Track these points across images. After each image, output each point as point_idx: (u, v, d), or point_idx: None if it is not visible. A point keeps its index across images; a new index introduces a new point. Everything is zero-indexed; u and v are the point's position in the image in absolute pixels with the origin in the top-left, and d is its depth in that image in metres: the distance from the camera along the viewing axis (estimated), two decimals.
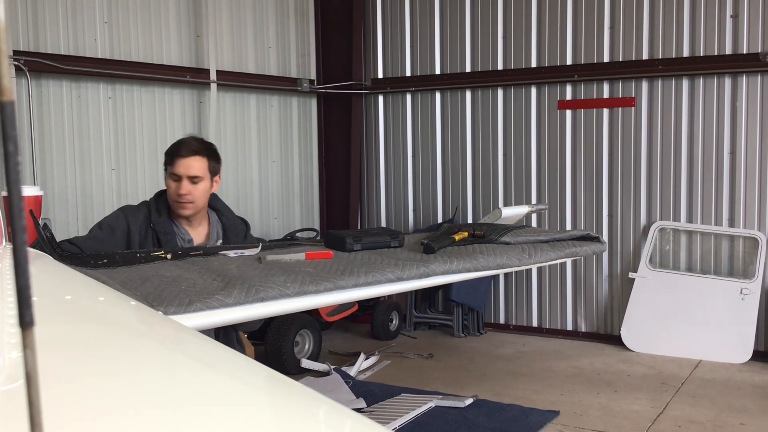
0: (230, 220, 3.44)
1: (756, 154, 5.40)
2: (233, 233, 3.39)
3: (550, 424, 4.18)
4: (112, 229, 3.17)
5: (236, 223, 3.46)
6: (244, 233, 3.46)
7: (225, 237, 3.37)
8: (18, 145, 0.49)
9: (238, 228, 3.44)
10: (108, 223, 3.22)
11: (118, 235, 3.16)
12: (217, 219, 3.42)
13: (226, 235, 3.37)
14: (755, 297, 5.36)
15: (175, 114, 5.60)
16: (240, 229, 3.45)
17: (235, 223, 3.44)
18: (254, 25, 6.23)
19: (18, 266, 0.50)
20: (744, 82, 5.40)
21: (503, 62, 6.25)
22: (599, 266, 6.01)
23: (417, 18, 6.61)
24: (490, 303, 6.46)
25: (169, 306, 2.17)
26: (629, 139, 5.82)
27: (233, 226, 3.42)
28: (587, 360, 5.48)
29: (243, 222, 3.53)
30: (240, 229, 3.45)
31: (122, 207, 3.37)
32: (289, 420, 0.84)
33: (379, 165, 6.90)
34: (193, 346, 1.24)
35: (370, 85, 6.83)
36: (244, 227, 3.50)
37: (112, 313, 1.55)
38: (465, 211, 6.48)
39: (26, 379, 0.51)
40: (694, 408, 4.41)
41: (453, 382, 4.93)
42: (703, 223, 5.61)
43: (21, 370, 0.53)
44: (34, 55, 4.62)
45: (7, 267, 1.64)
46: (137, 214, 3.26)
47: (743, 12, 5.33)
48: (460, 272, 3.08)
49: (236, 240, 3.37)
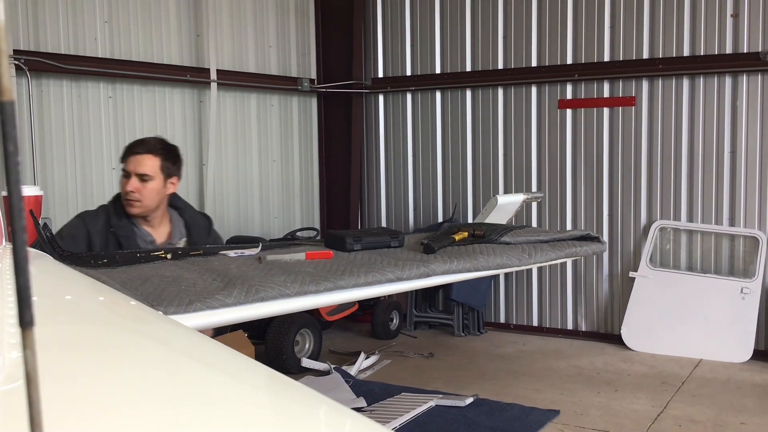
0: (192, 217, 3.45)
1: (756, 154, 5.39)
2: (196, 229, 3.40)
3: (550, 423, 4.18)
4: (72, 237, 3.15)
5: (198, 219, 3.46)
6: (207, 229, 3.47)
7: (189, 234, 3.37)
8: (18, 145, 0.49)
9: (200, 224, 3.45)
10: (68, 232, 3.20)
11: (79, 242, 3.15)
12: (179, 217, 3.42)
13: (189, 232, 3.37)
14: (756, 296, 5.36)
15: (175, 113, 5.60)
16: (203, 225, 3.47)
17: (197, 219, 3.45)
18: (254, 24, 6.23)
19: (18, 266, 0.50)
20: (744, 82, 5.40)
21: (503, 61, 6.25)
22: (599, 266, 6.01)
23: (417, 17, 6.61)
24: (491, 302, 6.46)
25: (169, 306, 2.17)
26: (629, 139, 5.82)
27: (195, 222, 3.43)
28: (587, 359, 5.48)
29: (205, 217, 3.54)
30: (203, 225, 3.47)
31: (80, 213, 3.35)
32: (289, 420, 0.84)
33: (380, 164, 6.90)
34: (193, 346, 1.24)
35: (370, 85, 6.83)
36: (207, 222, 3.52)
37: (112, 313, 1.55)
38: (465, 211, 6.48)
39: (26, 379, 0.51)
40: (694, 407, 4.41)
41: (453, 382, 4.93)
42: (704, 223, 5.61)
43: (21, 370, 0.53)
44: (34, 55, 4.62)
45: (7, 267, 1.64)
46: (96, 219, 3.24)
47: (744, 11, 5.33)
48: (460, 272, 3.08)
49: (200, 236, 3.38)
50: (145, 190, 3.23)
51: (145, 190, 3.23)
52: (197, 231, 3.40)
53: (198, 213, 3.55)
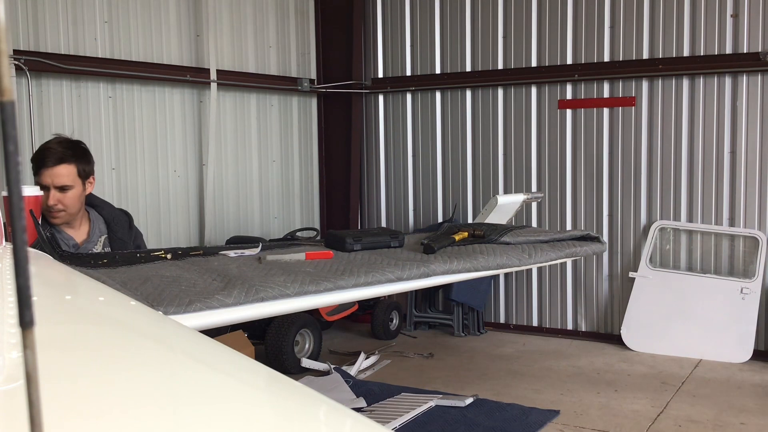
0: (111, 213, 3.41)
1: (756, 154, 5.40)
2: (118, 225, 3.37)
3: (550, 423, 4.18)
4: None
5: (117, 215, 3.42)
6: (128, 224, 3.44)
7: (110, 230, 3.34)
8: (18, 145, 0.49)
9: (120, 219, 3.41)
10: None
11: None
12: (98, 215, 3.38)
13: (110, 228, 3.34)
14: (755, 296, 5.36)
15: (175, 113, 5.60)
16: (123, 220, 3.43)
17: (116, 216, 3.41)
18: (254, 24, 6.23)
19: (18, 266, 0.50)
20: (744, 82, 5.40)
21: (503, 62, 6.25)
22: (599, 266, 6.01)
23: (417, 17, 6.61)
24: (491, 302, 6.46)
25: (169, 306, 2.17)
26: (629, 139, 5.82)
27: (115, 218, 3.39)
28: (587, 359, 5.48)
29: (125, 213, 3.50)
30: (123, 220, 3.43)
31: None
32: (289, 420, 0.84)
33: (379, 164, 6.90)
34: (193, 346, 1.24)
35: (370, 85, 6.83)
36: (127, 218, 3.47)
37: (112, 313, 1.55)
38: (465, 211, 6.48)
39: (26, 379, 0.51)
40: (694, 407, 4.41)
41: (453, 382, 4.93)
42: (704, 223, 5.61)
43: (21, 370, 0.53)
44: (34, 55, 4.62)
45: (7, 267, 1.64)
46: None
47: (743, 11, 5.33)
48: (460, 272, 3.08)
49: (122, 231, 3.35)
50: (67, 199, 3.16)
51: (66, 200, 3.16)
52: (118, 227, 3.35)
53: (117, 209, 3.48)
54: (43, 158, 3.14)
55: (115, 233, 3.32)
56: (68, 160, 3.16)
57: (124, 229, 3.38)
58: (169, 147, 5.56)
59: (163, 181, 5.53)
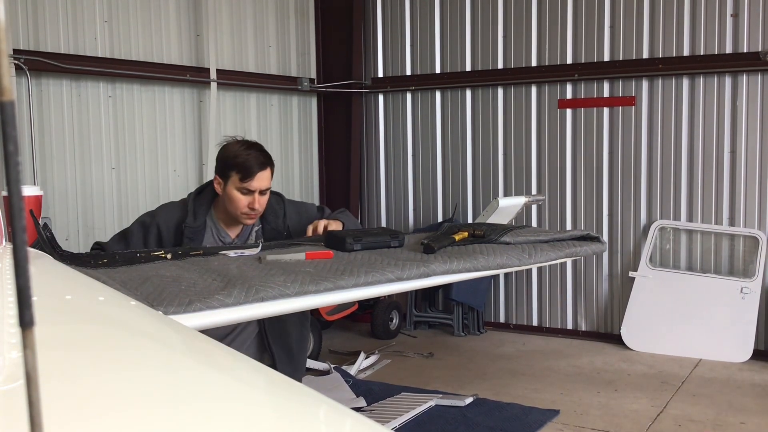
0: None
1: (756, 153, 5.40)
2: (271, 215, 3.41)
3: (550, 423, 4.18)
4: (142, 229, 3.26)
5: (270, 206, 3.45)
6: (283, 211, 3.47)
7: (263, 221, 3.41)
8: (18, 145, 0.49)
9: (273, 209, 3.45)
10: (136, 228, 3.29)
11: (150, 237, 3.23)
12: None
13: (264, 219, 3.41)
14: (755, 296, 5.36)
15: (175, 113, 5.60)
16: (275, 209, 3.46)
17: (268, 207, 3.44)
18: (254, 24, 6.23)
19: (18, 266, 0.50)
20: (744, 81, 5.40)
21: (503, 61, 6.25)
22: (599, 265, 6.01)
23: (417, 17, 6.61)
24: (490, 302, 6.46)
25: (169, 306, 2.16)
26: (629, 138, 5.82)
27: (268, 208, 3.42)
28: (587, 359, 5.48)
29: (278, 198, 3.54)
30: (275, 209, 3.46)
31: (157, 209, 3.39)
32: (289, 419, 0.84)
33: (379, 164, 6.90)
34: (193, 346, 1.24)
35: (370, 84, 6.83)
36: (282, 204, 3.51)
37: (112, 313, 1.55)
38: (465, 211, 6.48)
39: (26, 379, 0.51)
40: (694, 407, 4.41)
41: (453, 381, 4.93)
42: (704, 222, 5.61)
43: (21, 370, 0.53)
44: (34, 54, 4.62)
45: (7, 267, 1.64)
46: (170, 215, 3.30)
47: (743, 11, 5.33)
48: (460, 272, 3.08)
49: (275, 221, 3.41)
50: (264, 200, 3.32)
51: (263, 201, 3.32)
52: (271, 217, 3.41)
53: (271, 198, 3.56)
54: (252, 164, 3.26)
55: (269, 223, 3.40)
56: (269, 163, 3.32)
57: (278, 218, 3.42)
58: (169, 146, 5.56)
59: (163, 181, 5.53)
